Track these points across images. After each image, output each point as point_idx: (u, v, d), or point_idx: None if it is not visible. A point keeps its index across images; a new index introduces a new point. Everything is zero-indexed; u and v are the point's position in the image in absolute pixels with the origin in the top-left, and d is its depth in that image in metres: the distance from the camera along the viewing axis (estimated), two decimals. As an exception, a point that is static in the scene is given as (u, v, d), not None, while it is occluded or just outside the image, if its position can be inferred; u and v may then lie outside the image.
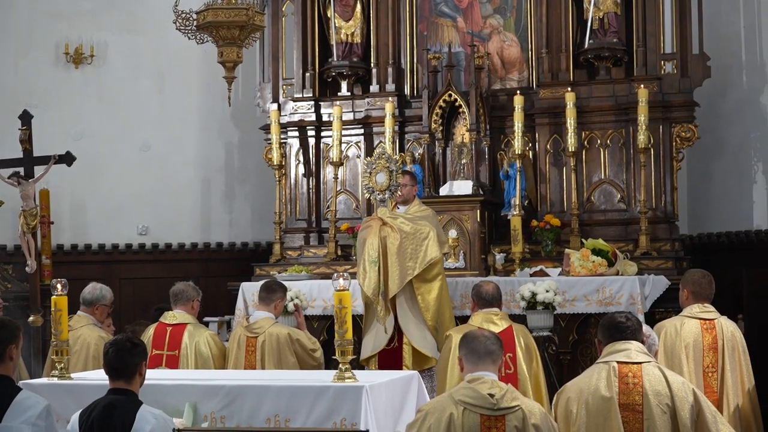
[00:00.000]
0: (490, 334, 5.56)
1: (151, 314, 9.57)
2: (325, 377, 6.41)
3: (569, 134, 10.61)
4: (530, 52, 11.38)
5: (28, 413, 5.40)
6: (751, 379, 7.43)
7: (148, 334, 8.12)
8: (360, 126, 11.72)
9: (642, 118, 10.34)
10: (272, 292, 8.33)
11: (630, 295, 9.57)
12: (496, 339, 5.51)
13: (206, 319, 10.88)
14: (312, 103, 11.83)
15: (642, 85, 10.48)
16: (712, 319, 7.42)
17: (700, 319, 7.42)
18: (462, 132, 11.21)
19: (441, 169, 11.30)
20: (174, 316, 8.14)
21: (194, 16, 8.87)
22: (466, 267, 10.37)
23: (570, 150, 10.65)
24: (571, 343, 9.92)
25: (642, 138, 10.38)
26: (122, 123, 12.87)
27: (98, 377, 6.92)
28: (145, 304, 11.67)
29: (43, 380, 7.11)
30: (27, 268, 10.59)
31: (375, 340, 8.93)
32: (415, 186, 9.58)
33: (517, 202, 10.58)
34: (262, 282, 8.70)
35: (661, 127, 10.71)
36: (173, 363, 7.92)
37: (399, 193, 9.25)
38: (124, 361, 5.55)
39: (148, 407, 5.48)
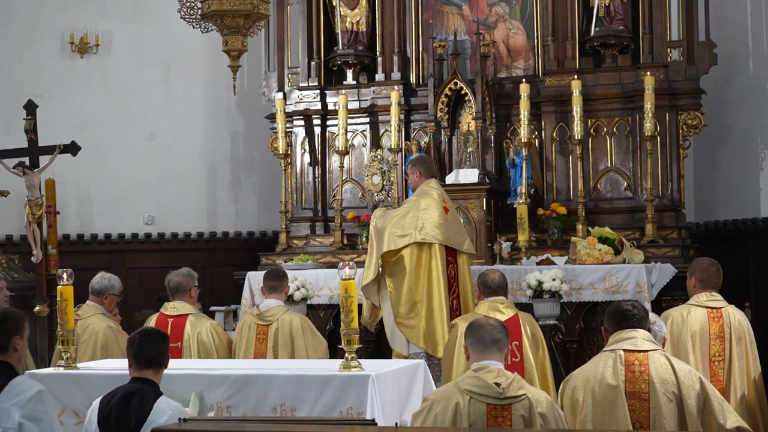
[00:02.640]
0: (496, 323, 5.55)
1: (153, 305, 9.57)
2: (331, 366, 6.42)
3: (575, 122, 10.58)
4: (536, 40, 11.35)
5: (19, 396, 5.40)
6: (758, 368, 7.41)
7: (150, 325, 8.12)
8: (365, 115, 11.71)
9: (648, 105, 10.31)
10: (281, 279, 8.36)
11: (636, 283, 9.57)
12: (502, 327, 5.50)
13: (212, 308, 10.88)
14: (317, 92, 11.82)
15: (648, 73, 10.45)
16: (719, 308, 7.41)
17: (707, 307, 7.41)
18: (468, 120, 11.19)
19: (447, 158, 11.28)
20: (174, 307, 8.11)
21: (199, 4, 8.85)
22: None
23: (576, 138, 10.62)
24: (578, 332, 9.91)
25: (648, 126, 10.36)
26: (127, 112, 12.87)
27: (105, 367, 6.94)
28: (151, 293, 11.64)
29: (49, 370, 7.12)
30: (33, 258, 10.57)
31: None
32: (416, 171, 9.09)
33: (524, 191, 10.56)
34: (265, 271, 8.68)
35: (667, 114, 10.69)
36: (176, 354, 7.88)
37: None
38: (159, 350, 5.66)
39: (167, 399, 5.52)
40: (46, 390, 5.56)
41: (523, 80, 10.83)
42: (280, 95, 11.85)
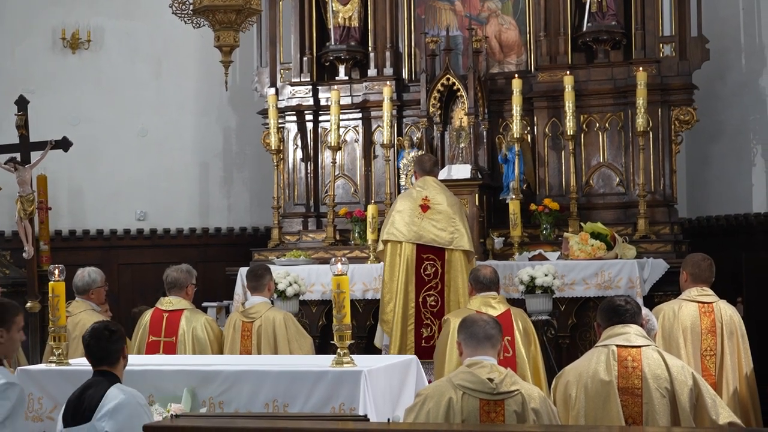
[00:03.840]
0: (489, 318, 5.55)
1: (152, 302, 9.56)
2: (323, 362, 6.41)
3: (568, 118, 10.57)
4: (528, 36, 11.34)
5: None
6: (750, 363, 7.43)
7: (145, 320, 8.12)
8: (358, 110, 11.69)
9: (640, 101, 10.31)
10: (261, 278, 8.37)
11: (629, 278, 9.57)
12: (495, 323, 5.50)
13: (205, 304, 10.87)
14: (310, 87, 11.80)
15: (640, 68, 10.45)
16: (711, 303, 7.43)
17: (699, 302, 7.42)
18: (460, 116, 11.18)
19: (439, 153, 11.25)
20: (170, 302, 8.13)
21: (190, 0, 8.82)
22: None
23: (568, 133, 10.62)
24: (570, 327, 9.91)
25: (641, 121, 10.35)
26: (119, 108, 12.84)
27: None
28: (144, 289, 11.65)
29: (41, 366, 7.12)
30: (24, 254, 10.56)
31: None
32: (413, 170, 9.57)
33: (516, 186, 10.56)
34: (246, 270, 8.77)
35: (659, 110, 10.69)
36: (171, 349, 7.92)
37: None
38: (107, 349, 5.63)
39: (121, 386, 5.52)
40: (20, 387, 5.54)
41: (516, 76, 10.82)
42: (272, 91, 11.83)
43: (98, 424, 5.36)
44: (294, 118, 11.88)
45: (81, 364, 6.95)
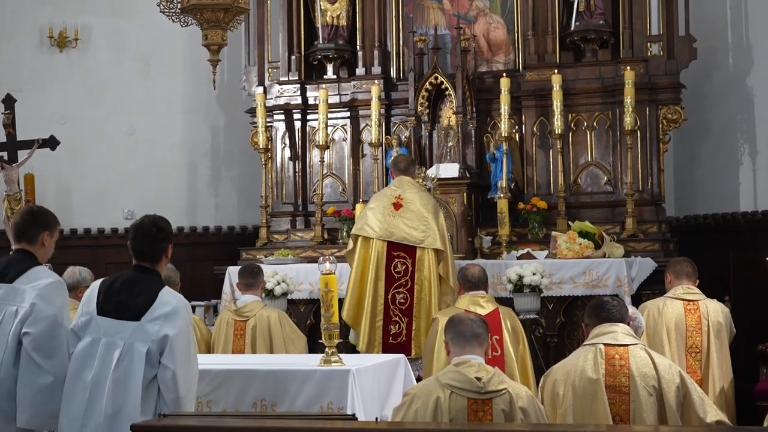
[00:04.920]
0: (476, 317, 5.56)
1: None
2: (311, 361, 6.41)
3: (556, 116, 10.59)
4: (516, 35, 11.35)
5: (38, 281, 5.67)
6: (729, 366, 7.47)
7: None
8: (346, 109, 11.68)
9: (628, 100, 10.33)
10: (256, 275, 8.38)
11: (617, 277, 9.58)
12: (483, 322, 5.50)
13: (193, 303, 10.81)
14: (298, 86, 11.79)
15: (628, 67, 10.46)
16: (696, 300, 7.45)
17: (684, 300, 7.45)
18: (448, 115, 11.19)
19: (427, 152, 11.27)
20: (158, 300, 8.10)
21: (178, -2, 8.81)
22: (453, 250, 10.34)
23: (556, 132, 10.63)
24: (558, 326, 9.92)
25: (628, 120, 10.37)
26: (107, 107, 12.81)
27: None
28: (132, 288, 11.59)
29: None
30: (11, 253, 10.52)
31: None
32: (392, 171, 9.54)
33: (504, 185, 10.57)
34: (240, 268, 8.74)
35: (647, 109, 10.71)
36: (158, 348, 7.88)
37: None
38: (153, 247, 5.66)
39: (170, 289, 5.58)
40: (65, 285, 5.79)
41: (504, 74, 10.82)
42: (260, 89, 11.81)
43: (150, 326, 5.36)
44: (282, 116, 11.87)
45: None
